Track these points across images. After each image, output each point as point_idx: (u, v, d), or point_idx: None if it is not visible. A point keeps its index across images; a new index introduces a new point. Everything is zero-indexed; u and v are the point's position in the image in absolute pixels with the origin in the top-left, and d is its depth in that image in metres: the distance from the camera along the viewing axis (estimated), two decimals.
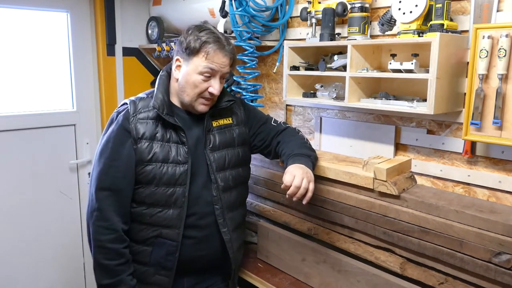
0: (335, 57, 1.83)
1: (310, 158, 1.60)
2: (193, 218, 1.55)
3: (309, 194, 1.46)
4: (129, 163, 1.49)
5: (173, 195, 1.51)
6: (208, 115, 1.59)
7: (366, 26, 1.78)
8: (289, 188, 1.44)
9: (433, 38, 1.45)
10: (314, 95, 1.95)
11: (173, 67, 1.55)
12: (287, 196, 1.47)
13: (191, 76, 1.51)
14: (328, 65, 1.86)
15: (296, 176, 1.45)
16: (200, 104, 1.55)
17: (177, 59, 1.53)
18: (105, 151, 1.51)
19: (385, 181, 1.50)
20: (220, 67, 1.50)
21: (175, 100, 1.59)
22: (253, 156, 2.06)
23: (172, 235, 1.52)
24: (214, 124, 1.62)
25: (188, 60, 1.51)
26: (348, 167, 1.64)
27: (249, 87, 2.20)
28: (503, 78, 1.41)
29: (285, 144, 1.68)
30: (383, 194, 1.52)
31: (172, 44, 2.42)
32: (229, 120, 1.66)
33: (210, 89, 1.51)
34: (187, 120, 1.58)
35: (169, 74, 1.61)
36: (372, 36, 1.87)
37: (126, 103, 1.55)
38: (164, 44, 2.46)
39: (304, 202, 1.46)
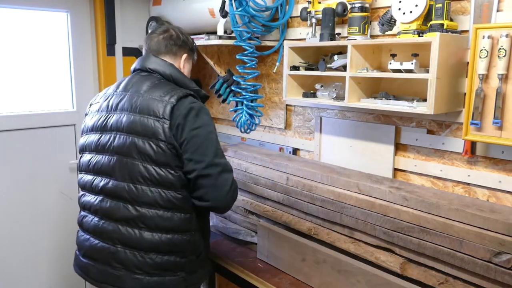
0: (335, 57, 1.83)
1: None
2: None
3: None
4: None
5: None
6: None
7: (366, 26, 1.78)
8: None
9: (433, 38, 1.46)
10: (314, 95, 1.95)
11: (180, 62, 1.70)
12: None
13: (189, 73, 1.75)
14: (328, 65, 1.86)
15: None
16: None
17: (186, 56, 1.72)
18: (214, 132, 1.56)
19: None
20: None
21: None
22: (253, 156, 2.06)
23: None
24: None
25: (192, 59, 1.76)
26: None
27: (249, 87, 2.20)
28: (503, 78, 1.41)
29: None
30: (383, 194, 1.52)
31: None
32: None
33: None
34: None
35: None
36: (372, 36, 1.87)
37: (190, 94, 1.56)
38: None
39: None
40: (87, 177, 1.64)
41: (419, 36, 1.56)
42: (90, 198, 1.62)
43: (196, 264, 1.59)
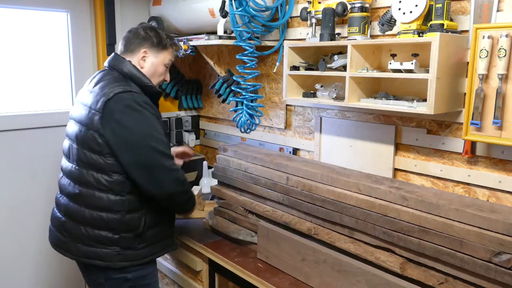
0: (335, 57, 1.83)
1: None
2: None
3: None
4: None
5: None
6: None
7: (366, 26, 1.78)
8: None
9: (433, 38, 1.46)
10: (314, 95, 1.95)
11: (138, 58, 1.79)
12: None
13: (158, 67, 1.82)
14: (328, 65, 1.86)
15: None
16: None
17: (145, 52, 1.79)
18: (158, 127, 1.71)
19: None
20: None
21: None
22: (253, 156, 2.06)
23: None
24: None
25: (158, 53, 1.80)
26: None
27: (249, 87, 2.20)
28: (503, 78, 1.41)
29: None
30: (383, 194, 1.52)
31: None
32: None
33: (166, 78, 1.88)
34: None
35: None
36: (372, 36, 1.87)
37: (130, 91, 1.67)
38: None
39: None
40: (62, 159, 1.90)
41: (419, 36, 1.56)
42: (60, 175, 1.89)
43: (132, 241, 1.72)
